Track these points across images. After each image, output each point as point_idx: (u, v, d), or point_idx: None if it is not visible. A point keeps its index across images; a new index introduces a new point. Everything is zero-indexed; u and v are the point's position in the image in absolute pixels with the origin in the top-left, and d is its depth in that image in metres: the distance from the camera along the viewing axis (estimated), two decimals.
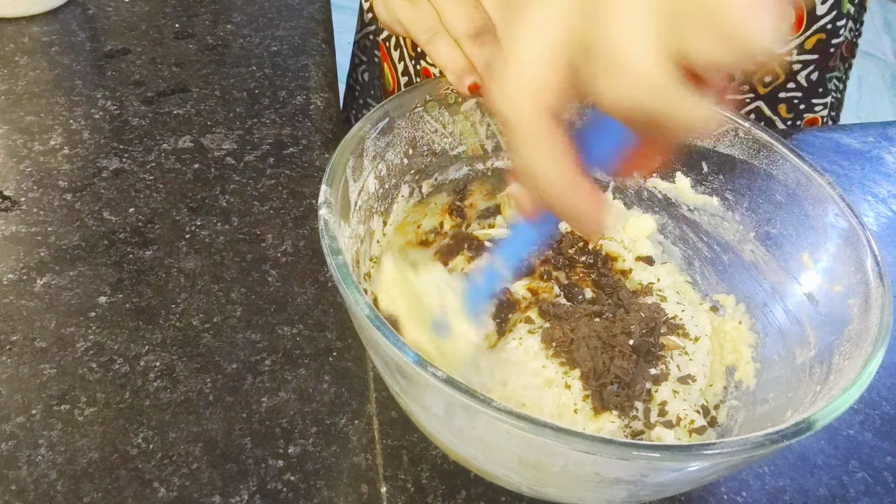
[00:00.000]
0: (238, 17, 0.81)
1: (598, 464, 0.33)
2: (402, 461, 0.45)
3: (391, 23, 0.48)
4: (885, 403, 0.52)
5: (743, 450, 0.32)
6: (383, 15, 0.49)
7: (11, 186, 0.59)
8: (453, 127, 0.50)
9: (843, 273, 0.42)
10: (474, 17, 0.44)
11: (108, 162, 0.62)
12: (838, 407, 0.34)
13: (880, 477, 0.48)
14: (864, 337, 0.38)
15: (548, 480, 0.36)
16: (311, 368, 0.49)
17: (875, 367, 0.36)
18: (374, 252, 0.48)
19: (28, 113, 0.66)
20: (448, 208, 0.53)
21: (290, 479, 0.44)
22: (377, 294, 0.43)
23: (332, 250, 0.38)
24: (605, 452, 0.31)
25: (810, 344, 0.43)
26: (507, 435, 0.33)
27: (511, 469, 0.37)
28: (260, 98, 0.70)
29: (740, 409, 0.46)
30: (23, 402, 0.46)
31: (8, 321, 0.50)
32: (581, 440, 0.31)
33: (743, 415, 0.45)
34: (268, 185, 0.62)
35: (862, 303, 0.40)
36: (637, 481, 0.34)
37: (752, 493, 0.46)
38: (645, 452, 0.31)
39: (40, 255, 0.54)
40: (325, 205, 0.40)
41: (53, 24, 0.76)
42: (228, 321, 0.51)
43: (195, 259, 0.55)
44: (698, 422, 0.44)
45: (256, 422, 0.46)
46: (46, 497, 0.42)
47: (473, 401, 0.32)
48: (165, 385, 0.47)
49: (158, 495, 0.42)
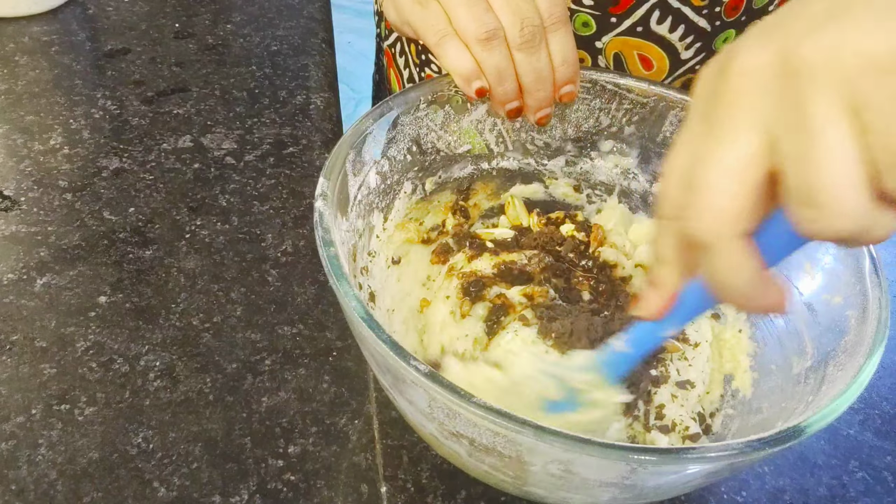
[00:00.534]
0: (238, 17, 0.81)
1: (578, 464, 0.33)
2: (402, 461, 0.45)
3: (401, 24, 0.48)
4: (885, 403, 0.52)
5: (724, 456, 0.32)
6: (393, 16, 0.49)
7: (11, 186, 0.59)
8: (458, 126, 0.50)
9: (843, 284, 0.42)
10: (485, 21, 0.44)
11: (108, 162, 0.62)
12: (826, 416, 0.34)
13: (880, 477, 0.48)
14: (858, 348, 0.38)
15: (529, 479, 0.36)
16: (311, 368, 0.49)
17: (867, 378, 0.36)
18: (373, 247, 0.48)
19: (28, 113, 0.66)
20: (451, 207, 0.53)
21: (290, 478, 0.44)
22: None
23: (325, 242, 0.38)
24: (585, 452, 0.31)
25: (807, 354, 0.42)
26: (489, 432, 0.33)
27: (494, 467, 0.37)
28: (260, 98, 0.70)
29: (735, 418, 0.46)
30: (23, 402, 0.46)
31: (8, 321, 0.50)
32: (562, 440, 0.31)
33: (737, 424, 0.45)
34: (268, 184, 0.62)
35: (859, 314, 0.40)
36: (619, 484, 0.34)
37: (752, 493, 0.46)
38: (626, 454, 0.31)
39: (40, 254, 0.54)
40: (322, 197, 0.40)
41: (53, 24, 0.76)
42: (228, 321, 0.51)
43: (195, 259, 0.55)
44: (693, 429, 0.44)
45: (256, 421, 0.46)
46: (46, 497, 0.42)
47: (455, 397, 0.32)
48: (165, 385, 0.47)
49: (158, 495, 0.42)
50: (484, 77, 0.45)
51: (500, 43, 0.44)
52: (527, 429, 0.31)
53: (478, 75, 0.45)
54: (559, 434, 0.31)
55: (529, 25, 0.44)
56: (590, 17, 0.60)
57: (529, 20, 0.44)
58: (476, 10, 0.44)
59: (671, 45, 0.61)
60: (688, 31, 0.60)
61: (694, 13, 0.59)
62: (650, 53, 0.62)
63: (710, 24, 0.60)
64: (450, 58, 0.45)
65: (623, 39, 0.61)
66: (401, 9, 0.47)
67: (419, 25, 0.46)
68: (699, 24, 0.60)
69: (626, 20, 0.60)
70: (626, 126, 0.52)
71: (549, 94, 0.47)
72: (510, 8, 0.44)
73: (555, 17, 0.45)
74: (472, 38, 0.44)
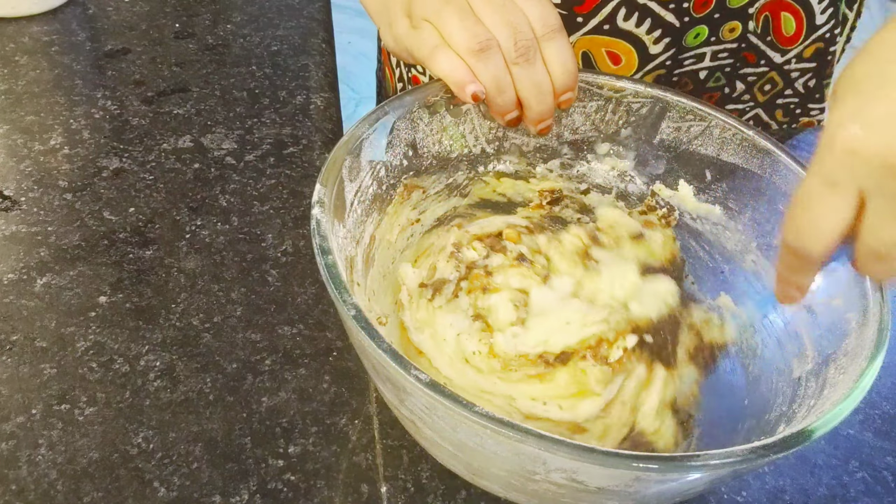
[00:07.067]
0: (238, 17, 0.81)
1: (582, 472, 0.33)
2: (402, 461, 0.45)
3: (400, 51, 0.48)
4: (886, 403, 0.52)
5: (728, 464, 0.32)
6: (391, 45, 0.49)
7: (11, 186, 0.59)
8: (455, 130, 0.50)
9: (842, 286, 0.42)
10: (477, 32, 0.44)
11: (108, 162, 0.62)
12: (829, 421, 0.34)
13: (880, 477, 0.48)
14: (859, 352, 0.38)
15: (527, 487, 0.36)
16: (311, 368, 0.49)
17: (870, 381, 0.36)
18: (372, 253, 0.48)
19: (28, 113, 0.66)
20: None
21: (290, 478, 0.44)
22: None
23: (322, 250, 0.37)
24: (588, 460, 0.31)
25: (808, 357, 0.42)
26: (491, 441, 0.33)
27: (491, 478, 0.37)
28: (260, 98, 0.70)
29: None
30: (23, 402, 0.46)
31: (8, 321, 0.50)
32: (565, 448, 0.31)
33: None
34: (268, 184, 0.62)
35: (860, 317, 0.39)
36: (621, 492, 0.34)
37: (752, 493, 0.46)
38: (630, 462, 0.31)
39: (40, 254, 0.54)
40: (318, 204, 0.40)
41: (53, 24, 0.76)
42: (228, 321, 0.51)
43: (195, 259, 0.55)
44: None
45: (256, 421, 0.46)
46: (46, 497, 0.42)
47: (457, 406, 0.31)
48: (165, 385, 0.47)
49: (158, 495, 0.42)
50: (479, 82, 0.45)
51: (495, 53, 0.44)
52: (529, 437, 0.31)
53: (472, 79, 0.44)
54: (562, 443, 0.31)
55: (523, 39, 0.44)
56: None
57: (523, 34, 0.44)
58: (468, 23, 0.44)
59: (640, 41, 0.61)
60: (655, 26, 0.60)
61: (661, 8, 0.59)
62: (618, 49, 0.62)
63: (678, 19, 0.60)
64: (442, 66, 0.45)
65: (590, 38, 0.61)
66: (398, 38, 0.47)
67: (413, 45, 0.46)
68: (667, 18, 0.60)
69: (592, 19, 0.60)
70: (623, 129, 0.52)
71: (550, 106, 0.47)
72: (503, 21, 0.44)
73: (549, 26, 0.45)
74: (465, 50, 0.44)
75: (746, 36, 0.64)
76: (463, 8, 0.44)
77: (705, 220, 0.51)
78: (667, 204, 0.52)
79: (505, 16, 0.44)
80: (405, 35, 0.47)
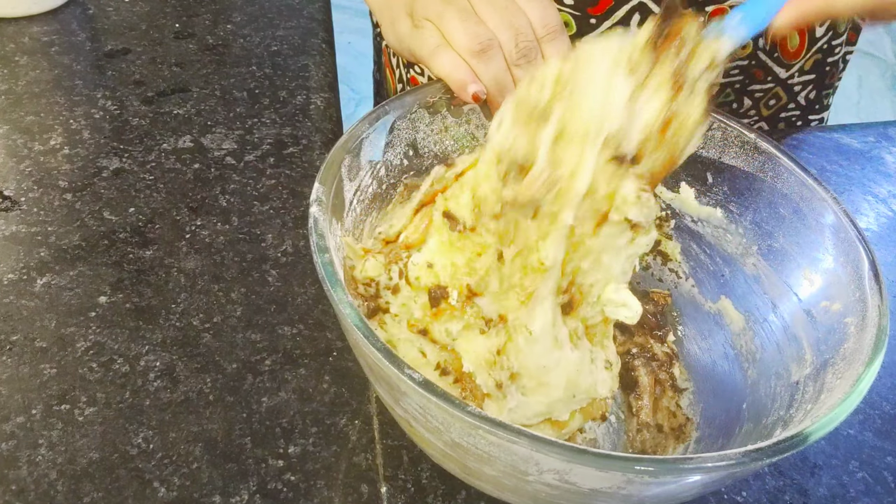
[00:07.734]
0: (238, 17, 0.81)
1: (575, 474, 0.33)
2: (402, 461, 0.45)
3: (401, 50, 0.48)
4: (886, 403, 0.52)
5: (722, 467, 0.31)
6: (393, 43, 0.49)
7: (11, 186, 0.59)
8: (457, 130, 0.50)
9: (842, 291, 0.41)
10: (478, 33, 0.44)
11: (108, 162, 0.62)
12: (825, 425, 0.34)
13: (880, 477, 0.48)
14: (857, 356, 0.38)
15: (520, 488, 0.36)
16: (311, 368, 0.49)
17: (867, 386, 0.35)
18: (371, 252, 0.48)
19: (28, 113, 0.66)
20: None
21: (290, 478, 0.44)
22: None
23: (320, 248, 0.38)
24: (582, 462, 0.31)
25: (806, 361, 0.42)
26: (484, 441, 0.33)
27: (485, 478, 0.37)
28: (260, 98, 0.70)
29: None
30: (23, 402, 0.46)
31: (8, 321, 0.50)
32: (557, 449, 0.31)
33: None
34: (268, 185, 0.62)
35: (859, 321, 0.39)
36: (614, 493, 0.34)
37: (752, 493, 0.46)
38: (622, 464, 0.31)
39: (40, 255, 0.54)
40: (316, 202, 0.40)
41: (53, 24, 0.76)
42: (228, 321, 0.51)
43: (195, 259, 0.55)
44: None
45: (256, 422, 0.46)
46: (46, 497, 0.42)
47: (450, 406, 0.31)
48: (165, 385, 0.47)
49: (158, 495, 0.42)
50: (479, 82, 0.45)
51: (496, 54, 0.44)
52: (522, 438, 0.31)
53: (473, 79, 0.44)
54: (555, 444, 0.31)
55: (524, 40, 0.44)
56: (570, 18, 0.60)
57: (524, 35, 0.44)
58: (469, 23, 0.44)
59: None
60: None
61: None
62: None
63: None
64: (443, 66, 0.45)
65: None
66: (401, 38, 0.47)
67: (414, 45, 0.46)
68: None
69: (605, 22, 0.60)
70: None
71: None
72: (504, 22, 0.44)
73: (550, 26, 0.45)
74: (466, 50, 0.44)
75: (756, 53, 0.65)
76: (464, 8, 0.44)
77: (706, 222, 0.51)
78: (667, 207, 0.52)
79: (506, 17, 0.44)
80: (407, 34, 0.47)
